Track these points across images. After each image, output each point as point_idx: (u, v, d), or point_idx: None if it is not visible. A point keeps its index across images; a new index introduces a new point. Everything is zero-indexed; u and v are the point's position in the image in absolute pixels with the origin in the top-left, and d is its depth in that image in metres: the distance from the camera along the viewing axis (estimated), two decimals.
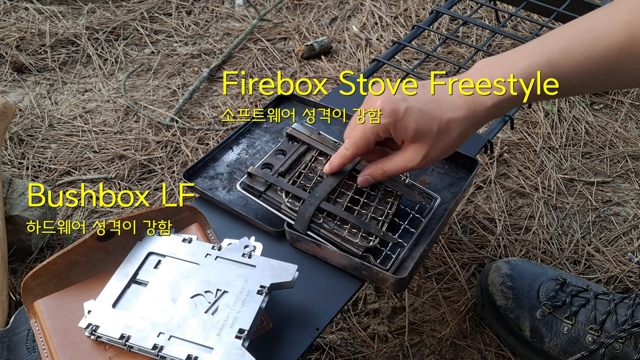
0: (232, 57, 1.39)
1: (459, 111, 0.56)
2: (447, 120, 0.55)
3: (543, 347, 0.78)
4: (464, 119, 0.56)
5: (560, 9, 1.01)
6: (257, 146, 0.78)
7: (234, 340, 0.50)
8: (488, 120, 0.58)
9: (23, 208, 0.91)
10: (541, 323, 0.78)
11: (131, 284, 0.56)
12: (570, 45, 0.54)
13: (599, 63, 0.53)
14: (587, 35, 0.53)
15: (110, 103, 1.26)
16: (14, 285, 0.89)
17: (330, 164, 0.64)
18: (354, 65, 1.35)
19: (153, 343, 0.50)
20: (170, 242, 0.59)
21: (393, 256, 0.62)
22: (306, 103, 0.83)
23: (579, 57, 0.53)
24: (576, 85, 0.55)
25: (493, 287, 0.82)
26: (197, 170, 0.74)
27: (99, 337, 0.52)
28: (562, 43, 0.54)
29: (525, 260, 0.86)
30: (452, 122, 0.56)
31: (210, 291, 0.54)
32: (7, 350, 0.55)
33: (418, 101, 0.56)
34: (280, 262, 0.56)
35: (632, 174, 1.11)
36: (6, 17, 1.47)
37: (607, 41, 0.52)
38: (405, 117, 0.55)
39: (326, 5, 1.55)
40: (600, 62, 0.53)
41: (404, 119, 0.55)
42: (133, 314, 0.53)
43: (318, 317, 0.59)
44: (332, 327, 0.86)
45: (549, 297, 0.79)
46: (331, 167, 0.64)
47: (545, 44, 0.55)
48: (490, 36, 1.13)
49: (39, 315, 0.54)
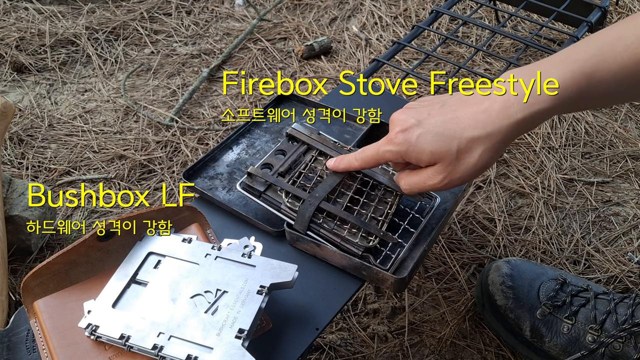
0: (232, 57, 1.39)
1: (482, 128, 0.52)
2: (468, 139, 0.52)
3: (543, 347, 0.78)
4: (488, 136, 0.52)
5: (560, 9, 1.01)
6: (257, 146, 0.78)
7: (234, 340, 0.50)
8: (519, 134, 0.53)
9: (23, 208, 0.91)
10: (541, 323, 0.78)
11: (131, 284, 0.56)
12: (603, 53, 0.51)
13: (633, 70, 0.51)
14: (619, 43, 0.51)
15: (110, 103, 1.26)
16: (14, 285, 0.89)
17: (335, 165, 0.64)
18: (353, 65, 1.35)
19: (153, 343, 0.50)
20: (170, 242, 0.59)
21: (393, 256, 0.62)
22: (306, 103, 0.83)
23: (612, 65, 0.51)
24: (611, 94, 0.53)
25: (493, 287, 0.82)
26: (197, 170, 0.74)
27: (99, 337, 0.52)
28: (594, 51, 0.52)
29: (525, 260, 0.86)
30: (473, 141, 0.52)
31: (210, 291, 0.54)
32: (7, 350, 0.55)
33: (435, 123, 0.53)
34: (280, 262, 0.56)
35: (631, 174, 1.11)
36: (6, 17, 1.47)
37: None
38: (419, 143, 0.53)
39: (326, 5, 1.55)
40: (634, 69, 0.51)
41: (417, 144, 0.53)
42: (133, 314, 0.53)
43: (318, 317, 0.59)
44: (332, 327, 0.86)
45: (549, 296, 0.79)
46: (335, 168, 0.64)
47: (576, 54, 0.52)
48: (490, 36, 1.13)
49: (38, 315, 0.54)
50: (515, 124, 0.52)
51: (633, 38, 0.51)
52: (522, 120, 0.51)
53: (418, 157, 0.54)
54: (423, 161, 0.55)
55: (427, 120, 0.54)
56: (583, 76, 0.51)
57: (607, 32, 0.53)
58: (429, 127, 0.53)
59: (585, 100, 0.53)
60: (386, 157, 0.57)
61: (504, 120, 0.52)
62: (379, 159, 0.58)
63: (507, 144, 0.53)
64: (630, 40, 0.51)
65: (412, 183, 0.57)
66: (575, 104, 0.52)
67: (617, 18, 1.45)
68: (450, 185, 0.55)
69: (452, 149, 0.53)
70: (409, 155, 0.55)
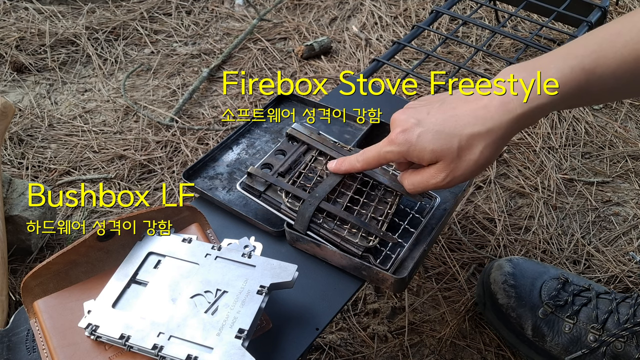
0: (232, 57, 1.39)
1: (482, 124, 0.52)
2: (468, 135, 0.52)
3: (545, 346, 0.78)
4: (488, 132, 0.52)
5: (560, 9, 1.01)
6: (257, 146, 0.78)
7: (234, 340, 0.50)
8: (519, 130, 0.54)
9: (23, 208, 0.91)
10: (543, 322, 0.78)
11: (131, 284, 0.56)
12: (602, 49, 0.51)
13: (633, 66, 0.51)
14: (619, 39, 0.51)
15: (110, 103, 1.26)
16: (14, 285, 0.89)
17: (337, 167, 0.64)
18: (353, 65, 1.35)
19: (153, 343, 0.50)
20: (170, 242, 0.59)
21: (393, 256, 0.62)
22: (306, 103, 0.83)
23: (612, 61, 0.51)
24: (610, 89, 0.53)
25: (495, 286, 0.81)
26: (197, 170, 0.74)
27: (99, 337, 0.52)
28: (593, 47, 0.52)
29: (527, 259, 0.85)
30: (474, 137, 0.52)
31: (210, 291, 0.54)
32: (7, 350, 0.55)
33: (435, 122, 0.54)
34: (280, 262, 0.56)
35: (631, 174, 1.11)
36: (6, 17, 1.47)
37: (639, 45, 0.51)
38: (419, 142, 0.54)
39: (326, 5, 1.55)
40: (634, 65, 0.51)
41: (418, 143, 0.54)
42: (133, 314, 0.53)
43: (318, 317, 0.59)
44: (332, 327, 0.86)
45: (551, 296, 0.79)
46: (337, 170, 0.64)
47: (575, 49, 0.53)
48: (490, 36, 1.13)
49: (38, 315, 0.54)
50: (515, 119, 0.52)
51: (632, 34, 0.51)
52: (522, 115, 0.52)
53: (420, 156, 0.55)
54: (425, 160, 0.55)
55: (427, 119, 0.54)
56: (583, 72, 0.51)
57: (607, 29, 0.54)
58: (429, 125, 0.54)
59: (585, 96, 0.53)
60: (388, 158, 0.57)
61: (504, 116, 0.52)
62: (381, 160, 0.58)
63: (507, 139, 0.54)
64: (629, 36, 0.51)
65: (415, 182, 0.57)
66: (575, 99, 0.53)
67: (617, 18, 1.45)
68: (453, 182, 0.55)
69: (452, 147, 0.53)
70: (411, 155, 0.55)
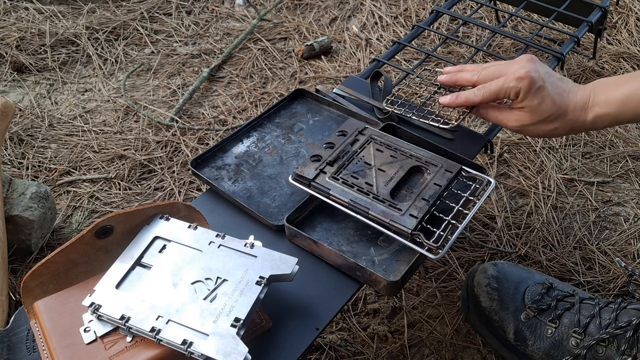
0: (232, 57, 1.39)
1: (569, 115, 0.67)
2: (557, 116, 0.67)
3: (526, 351, 0.77)
4: (567, 122, 0.67)
5: (561, 9, 1.01)
6: (267, 140, 0.78)
7: (229, 328, 0.51)
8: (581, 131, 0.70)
9: (23, 208, 0.91)
10: (525, 326, 0.77)
11: (135, 267, 0.57)
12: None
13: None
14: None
15: (110, 103, 1.26)
16: (14, 285, 0.89)
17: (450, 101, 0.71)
18: (354, 65, 1.35)
19: (151, 326, 0.51)
20: (176, 228, 0.60)
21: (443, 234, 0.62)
22: (320, 101, 0.83)
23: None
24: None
25: (478, 288, 0.81)
26: (206, 160, 0.74)
27: (100, 317, 0.52)
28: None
29: (512, 264, 0.85)
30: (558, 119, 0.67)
31: (211, 278, 0.55)
32: (7, 350, 0.55)
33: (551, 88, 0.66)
34: (281, 254, 0.57)
35: (632, 174, 1.11)
36: (6, 17, 1.47)
37: None
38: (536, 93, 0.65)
39: (326, 5, 1.55)
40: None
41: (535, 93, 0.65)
42: (135, 296, 0.54)
43: (318, 317, 0.59)
44: (332, 327, 0.86)
45: (534, 300, 0.78)
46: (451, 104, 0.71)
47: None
48: (490, 36, 1.13)
49: (38, 316, 0.54)
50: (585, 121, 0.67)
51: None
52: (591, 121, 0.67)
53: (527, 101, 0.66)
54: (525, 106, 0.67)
55: (550, 82, 0.66)
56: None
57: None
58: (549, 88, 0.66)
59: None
60: (509, 92, 0.67)
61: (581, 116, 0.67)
62: (501, 94, 0.67)
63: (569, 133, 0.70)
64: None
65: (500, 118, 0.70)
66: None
67: (617, 18, 1.45)
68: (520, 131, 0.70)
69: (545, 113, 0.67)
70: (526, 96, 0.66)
